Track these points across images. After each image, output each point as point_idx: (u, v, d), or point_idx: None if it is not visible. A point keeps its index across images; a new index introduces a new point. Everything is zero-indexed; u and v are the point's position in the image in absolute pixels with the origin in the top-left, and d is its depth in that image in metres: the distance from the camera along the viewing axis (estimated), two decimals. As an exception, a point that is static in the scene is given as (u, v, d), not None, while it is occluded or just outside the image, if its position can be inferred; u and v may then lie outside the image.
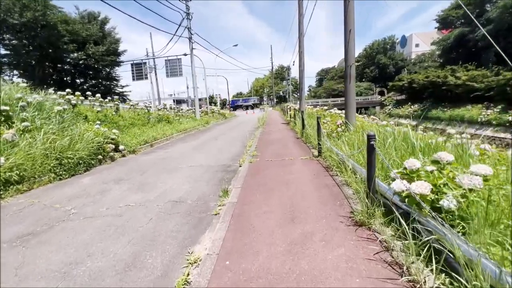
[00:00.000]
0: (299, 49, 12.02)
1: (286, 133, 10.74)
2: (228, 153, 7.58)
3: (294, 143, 8.09)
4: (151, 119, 12.39)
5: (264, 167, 5.41)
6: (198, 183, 4.84)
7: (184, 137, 11.90)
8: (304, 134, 8.48)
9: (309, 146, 7.26)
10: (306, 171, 4.83)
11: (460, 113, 25.96)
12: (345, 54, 6.40)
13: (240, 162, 6.17)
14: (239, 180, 4.68)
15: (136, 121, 11.58)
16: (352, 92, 6.48)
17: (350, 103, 6.51)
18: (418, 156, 3.06)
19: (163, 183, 4.94)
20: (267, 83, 76.23)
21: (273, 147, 7.62)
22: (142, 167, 6.31)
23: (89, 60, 20.30)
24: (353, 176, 3.76)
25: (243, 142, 9.23)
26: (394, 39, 62.40)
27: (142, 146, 9.12)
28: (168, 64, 23.70)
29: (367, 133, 2.62)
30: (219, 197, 4.07)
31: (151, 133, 10.57)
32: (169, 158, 7.29)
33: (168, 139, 11.19)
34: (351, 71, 6.34)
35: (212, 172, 5.55)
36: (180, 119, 15.35)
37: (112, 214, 3.62)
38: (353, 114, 6.54)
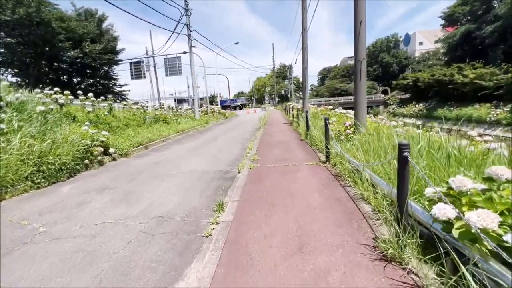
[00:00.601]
0: (303, 45, 11.40)
1: (289, 134, 10.14)
2: (227, 156, 7.00)
3: (298, 145, 7.49)
4: (147, 119, 11.84)
5: (265, 174, 4.82)
6: (190, 194, 4.26)
7: (181, 138, 11.34)
8: (309, 136, 7.88)
9: (315, 150, 6.66)
10: (313, 180, 4.23)
11: (467, 112, 25.19)
12: (355, 48, 5.79)
13: (239, 167, 5.59)
14: (236, 190, 4.09)
15: (131, 122, 11.02)
16: (363, 90, 5.87)
17: (360, 102, 5.89)
18: (458, 169, 2.46)
19: (151, 193, 4.36)
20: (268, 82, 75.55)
21: (275, 150, 7.03)
22: (132, 173, 5.74)
23: (86, 59, 19.77)
24: (370, 189, 3.16)
25: (243, 144, 8.64)
26: (397, 37, 61.48)
27: (135, 148, 8.56)
28: (167, 63, 23.18)
29: (399, 142, 2.02)
30: (213, 212, 3.49)
31: (146, 134, 10.01)
32: (163, 162, 6.73)
33: (165, 141, 10.63)
34: (362, 67, 5.73)
35: (208, 180, 4.97)
36: (179, 119, 14.79)
37: (85, 235, 3.05)
38: (363, 114, 5.94)
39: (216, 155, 7.34)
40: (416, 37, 65.08)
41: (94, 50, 19.55)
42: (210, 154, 7.56)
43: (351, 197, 3.41)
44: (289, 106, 21.86)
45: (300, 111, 11.67)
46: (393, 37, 60.32)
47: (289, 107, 20.82)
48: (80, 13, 20.47)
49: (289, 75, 55.53)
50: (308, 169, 4.93)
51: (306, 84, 11.76)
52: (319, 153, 6.20)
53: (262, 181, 4.42)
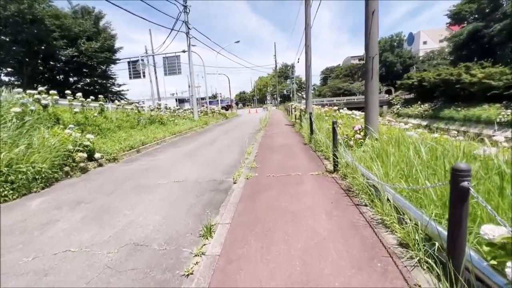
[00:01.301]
0: (306, 42, 10.74)
1: (291, 137, 9.49)
2: (223, 162, 6.37)
3: (301, 151, 6.84)
4: (142, 120, 11.24)
5: (264, 187, 4.18)
6: (176, 211, 3.64)
7: (177, 141, 10.73)
8: (313, 140, 7.23)
9: (320, 156, 6.01)
10: (320, 196, 3.59)
11: (476, 113, 24.36)
12: (366, 43, 5.14)
13: (234, 177, 4.96)
14: (229, 208, 3.46)
15: (124, 123, 10.44)
16: (375, 90, 5.21)
17: (371, 103, 5.24)
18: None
19: (130, 210, 3.75)
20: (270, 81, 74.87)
21: (276, 156, 6.39)
22: (115, 183, 5.13)
23: (82, 57, 19.24)
24: (393, 214, 2.52)
25: (241, 148, 8.01)
26: (401, 36, 60.52)
27: (126, 152, 7.97)
28: (166, 62, 22.65)
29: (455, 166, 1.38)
30: (199, 237, 2.88)
31: (140, 137, 9.42)
32: (152, 169, 6.11)
33: (159, 143, 10.03)
34: (374, 64, 5.07)
35: (198, 192, 4.35)
36: (176, 120, 14.19)
37: (35, 271, 2.44)
38: (375, 116, 5.28)
39: (211, 160, 6.72)
40: (420, 37, 64.06)
41: (90, 48, 19.00)
42: (206, 159, 6.94)
43: (368, 221, 2.77)
44: (291, 106, 21.20)
45: (303, 112, 11.01)
46: (397, 36, 59.39)
47: (291, 107, 20.16)
48: (76, 10, 19.96)
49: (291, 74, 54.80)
50: (313, 180, 4.29)
51: (309, 84, 11.10)
52: (325, 160, 5.56)
53: (260, 196, 3.78)
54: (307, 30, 10.40)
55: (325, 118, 9.90)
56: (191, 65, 16.85)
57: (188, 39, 16.51)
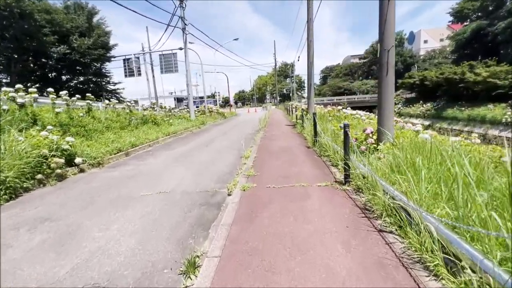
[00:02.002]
0: (308, 37, 10.08)
1: (292, 139, 8.84)
2: (217, 168, 5.72)
3: (304, 155, 6.19)
4: (133, 120, 10.56)
5: (262, 202, 3.53)
6: (156, 233, 2.99)
7: (171, 142, 10.07)
8: (317, 144, 6.59)
9: (326, 162, 5.36)
10: (332, 217, 2.94)
11: (480, 112, 23.76)
12: (380, 32, 4.49)
13: (229, 187, 4.31)
14: (220, 232, 2.82)
15: (114, 124, 9.76)
16: (390, 87, 4.56)
17: (386, 101, 4.58)
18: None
19: (102, 231, 3.10)
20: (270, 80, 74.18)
21: (276, 161, 5.74)
22: (93, 193, 4.47)
23: (75, 54, 18.51)
24: (438, 254, 1.88)
25: (239, 151, 7.36)
26: (402, 34, 59.87)
27: (113, 155, 7.31)
28: (162, 59, 21.94)
29: None
30: (179, 275, 2.23)
31: (129, 139, 8.75)
32: (139, 176, 5.46)
33: (151, 145, 9.37)
34: (389, 58, 4.43)
35: (186, 207, 3.70)
36: (171, 119, 13.52)
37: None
38: (390, 117, 4.63)
39: (205, 165, 6.07)
40: (421, 36, 63.46)
41: (83, 45, 18.26)
42: (199, 163, 6.28)
43: (399, 257, 2.12)
44: (291, 106, 20.55)
45: (305, 111, 10.37)
46: (398, 35, 58.67)
47: (291, 107, 19.52)
48: (69, 5, 19.22)
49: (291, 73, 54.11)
50: (321, 194, 3.64)
51: (311, 82, 10.44)
52: (333, 167, 4.91)
53: (258, 215, 3.13)
54: (309, 24, 9.73)
55: (328, 118, 9.26)
56: (188, 63, 16.17)
57: (184, 35, 15.82)
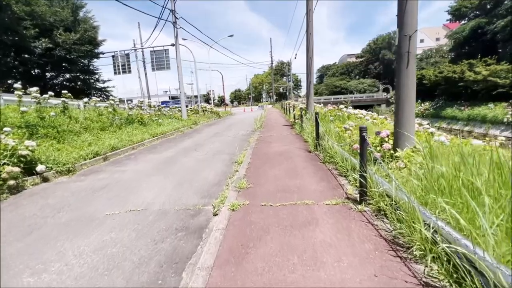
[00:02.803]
0: (307, 30, 9.27)
1: (291, 141, 8.04)
2: (205, 177, 4.88)
3: (306, 161, 5.38)
4: (116, 120, 9.64)
5: (256, 229, 2.72)
6: (106, 281, 2.15)
7: (158, 145, 9.18)
8: (320, 148, 5.79)
9: (332, 171, 4.55)
10: (352, 257, 2.13)
11: (481, 112, 23.28)
12: (400, 15, 3.72)
13: (216, 204, 3.49)
14: (196, 280, 1.99)
15: (94, 124, 8.84)
16: (411, 82, 3.78)
17: (406, 98, 3.79)
18: None
19: (33, 276, 2.25)
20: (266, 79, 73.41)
21: (273, 169, 4.92)
22: (45, 214, 3.60)
23: (60, 50, 17.41)
24: None
25: (231, 156, 6.53)
26: (399, 33, 59.31)
27: (89, 160, 6.43)
28: (154, 56, 21.03)
29: None
30: None
31: (110, 141, 7.85)
32: (111, 187, 4.60)
33: (135, 148, 8.48)
34: (411, 46, 3.65)
35: (157, 235, 2.86)
36: (160, 119, 12.60)
37: None
38: (411, 118, 3.85)
39: (191, 173, 5.22)
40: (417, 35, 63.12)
41: (69, 40, 17.16)
42: (185, 171, 5.44)
43: None
44: (288, 105, 19.78)
45: (304, 110, 9.57)
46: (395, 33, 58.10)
47: (288, 106, 18.74)
48: (53, -3, 18.09)
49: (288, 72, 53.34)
50: (332, 217, 2.83)
51: (311, 78, 9.64)
52: (341, 178, 4.10)
53: (249, 253, 2.30)
54: (309, 16, 8.92)
55: (330, 118, 8.48)
56: (179, 59, 15.24)
57: (175, 30, 14.88)
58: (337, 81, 60.74)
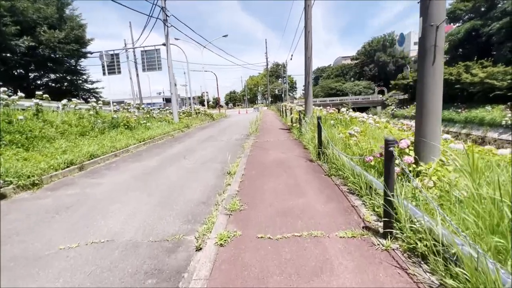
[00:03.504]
0: (306, 27, 8.65)
1: (289, 147, 7.36)
2: (191, 194, 4.16)
3: (308, 173, 4.70)
4: (99, 124, 8.83)
5: (250, 277, 2.02)
6: None
7: (144, 151, 8.41)
8: (324, 157, 5.13)
9: (341, 186, 3.88)
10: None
11: (478, 114, 23.05)
12: (423, 4, 3.09)
13: (200, 233, 2.79)
14: None
15: (72, 129, 8.03)
16: (438, 82, 3.14)
17: (431, 101, 3.15)
18: None
19: None
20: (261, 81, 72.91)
21: (271, 182, 4.23)
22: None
23: (44, 48, 16.46)
24: None
25: (223, 165, 5.82)
26: (393, 36, 59.71)
27: (61, 171, 5.65)
28: (144, 56, 20.20)
29: None
30: None
31: (89, 148, 7.07)
32: (75, 208, 3.84)
33: (118, 155, 7.70)
34: (438, 38, 3.02)
35: (119, 284, 2.14)
36: (149, 122, 11.81)
37: None
38: (437, 125, 3.21)
39: (176, 188, 4.50)
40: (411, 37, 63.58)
41: (53, 38, 16.22)
42: (169, 185, 4.70)
43: None
44: (284, 107, 19.16)
45: (302, 114, 8.92)
46: (390, 36, 58.58)
47: (285, 108, 18.12)
48: (37, -7, 17.14)
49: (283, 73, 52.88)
50: (350, 259, 2.15)
51: (310, 79, 9.00)
52: (353, 196, 3.43)
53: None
54: (307, 11, 8.30)
55: (330, 122, 7.84)
56: (170, 58, 14.49)
57: (166, 28, 14.14)
58: (333, 83, 60.57)
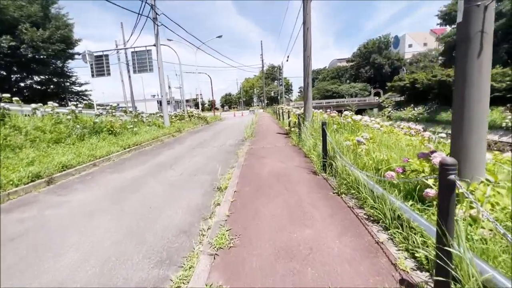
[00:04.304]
0: (304, 23, 7.96)
1: (289, 156, 6.63)
2: (168, 220, 3.38)
3: (314, 191, 3.95)
4: (78, 130, 7.98)
5: None
6: None
7: (127, 159, 7.59)
8: (331, 168, 4.40)
9: (356, 209, 3.14)
10: None
11: (478, 116, 22.62)
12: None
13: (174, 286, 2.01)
14: None
15: (46, 136, 7.18)
16: (484, 79, 2.45)
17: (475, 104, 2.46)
18: None
19: None
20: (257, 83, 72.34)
21: (270, 207, 3.47)
22: None
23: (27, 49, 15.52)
24: None
25: (212, 178, 5.05)
26: (389, 38, 59.81)
27: (23, 186, 4.83)
28: (135, 57, 19.38)
29: None
30: None
31: (63, 157, 6.25)
32: (16, 244, 3.03)
33: (97, 164, 6.87)
34: (486, 24, 2.33)
35: None
36: (136, 127, 10.97)
37: None
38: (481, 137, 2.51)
39: (153, 210, 3.71)
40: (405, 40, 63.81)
41: (36, 37, 15.29)
42: (144, 205, 3.92)
43: None
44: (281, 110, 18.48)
45: (302, 117, 8.21)
46: (385, 37, 58.64)
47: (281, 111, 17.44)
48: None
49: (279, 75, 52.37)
50: None
51: (309, 80, 8.31)
52: (374, 224, 2.69)
53: None
54: (306, 6, 7.61)
55: (333, 127, 7.15)
56: (160, 59, 13.71)
57: (156, 27, 13.36)
58: (329, 85, 60.31)
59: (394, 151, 4.53)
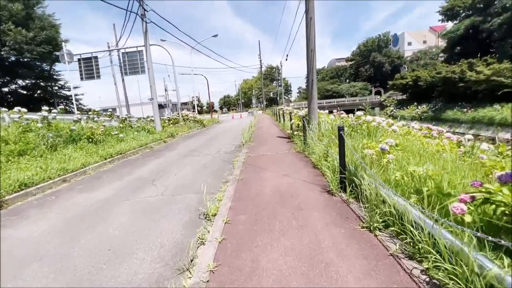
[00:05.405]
0: (307, 13, 6.96)
1: (294, 166, 5.58)
2: (131, 271, 2.34)
3: (333, 224, 2.92)
4: (50, 139, 6.94)
5: None
6: None
7: (105, 172, 6.55)
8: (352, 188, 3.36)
9: (405, 259, 2.11)
10: None
11: (487, 114, 21.68)
12: None
13: None
14: None
15: (9, 147, 6.14)
16: None
17: None
18: None
19: None
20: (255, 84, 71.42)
21: (274, 251, 2.44)
22: None
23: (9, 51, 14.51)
24: None
25: (199, 199, 4.01)
26: (388, 36, 58.97)
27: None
28: (126, 58, 18.41)
29: None
30: None
31: (24, 173, 5.21)
32: None
33: (68, 180, 5.83)
34: None
35: None
36: (122, 133, 9.92)
37: None
38: None
39: (113, 255, 2.68)
40: (404, 38, 63.01)
41: (20, 37, 14.28)
42: (104, 242, 2.88)
43: None
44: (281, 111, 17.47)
45: (306, 119, 7.17)
46: (385, 36, 57.79)
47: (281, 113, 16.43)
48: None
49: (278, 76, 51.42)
50: None
51: (314, 76, 7.30)
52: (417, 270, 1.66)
53: None
54: None
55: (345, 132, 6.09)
56: (150, 59, 12.70)
57: (145, 24, 12.37)
58: (328, 85, 59.39)
59: (432, 161, 3.51)
